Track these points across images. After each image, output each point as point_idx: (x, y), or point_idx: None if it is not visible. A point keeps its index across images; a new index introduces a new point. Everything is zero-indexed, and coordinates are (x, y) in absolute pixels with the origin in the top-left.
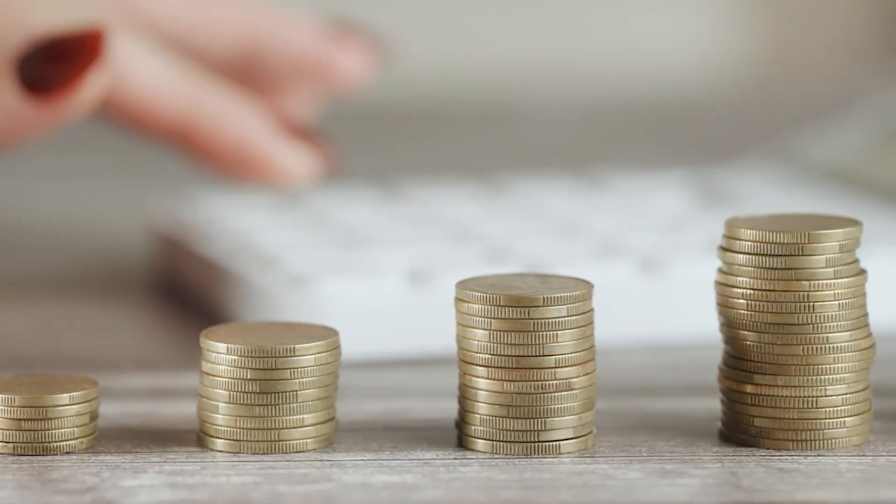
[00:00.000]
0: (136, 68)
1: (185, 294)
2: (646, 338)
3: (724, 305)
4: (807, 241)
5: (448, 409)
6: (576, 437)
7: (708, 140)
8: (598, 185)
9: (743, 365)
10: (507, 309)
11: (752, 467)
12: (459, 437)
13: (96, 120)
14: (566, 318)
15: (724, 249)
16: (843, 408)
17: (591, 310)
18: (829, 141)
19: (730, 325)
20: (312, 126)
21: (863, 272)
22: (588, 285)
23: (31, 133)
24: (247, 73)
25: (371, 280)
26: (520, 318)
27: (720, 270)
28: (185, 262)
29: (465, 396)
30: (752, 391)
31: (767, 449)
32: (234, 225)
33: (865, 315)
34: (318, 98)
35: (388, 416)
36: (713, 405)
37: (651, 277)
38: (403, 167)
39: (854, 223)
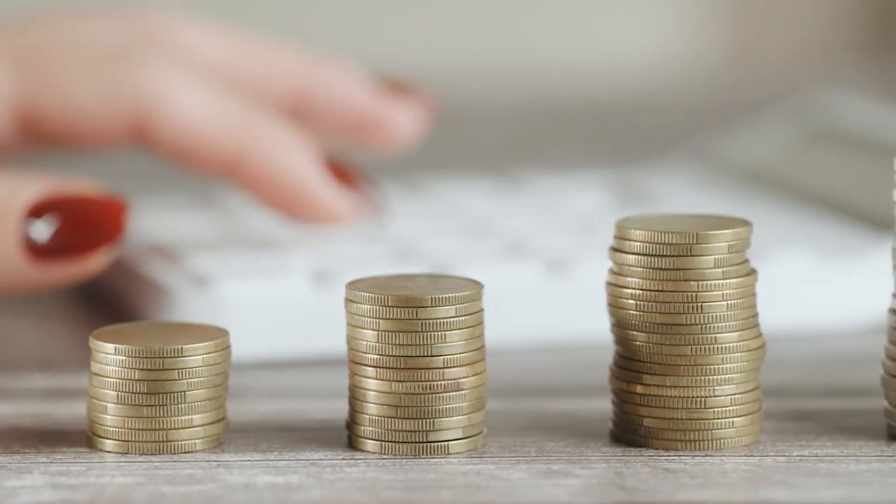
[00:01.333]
0: (179, 104)
1: (96, 293)
2: (550, 338)
3: (615, 306)
4: (695, 242)
5: (344, 409)
6: (465, 438)
7: (643, 140)
8: (515, 186)
9: (633, 365)
10: (395, 309)
11: (639, 468)
12: (349, 437)
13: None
14: (454, 319)
15: (614, 250)
16: (731, 408)
17: (481, 310)
18: (749, 141)
19: (620, 326)
20: (357, 169)
21: (752, 272)
22: (478, 286)
23: (19, 289)
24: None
25: (274, 281)
26: (408, 318)
27: (611, 271)
28: None
29: (354, 397)
30: (642, 391)
31: (656, 449)
32: (145, 224)
33: (755, 315)
34: (366, 150)
35: (283, 416)
36: (608, 406)
37: (556, 278)
38: None
39: (743, 224)
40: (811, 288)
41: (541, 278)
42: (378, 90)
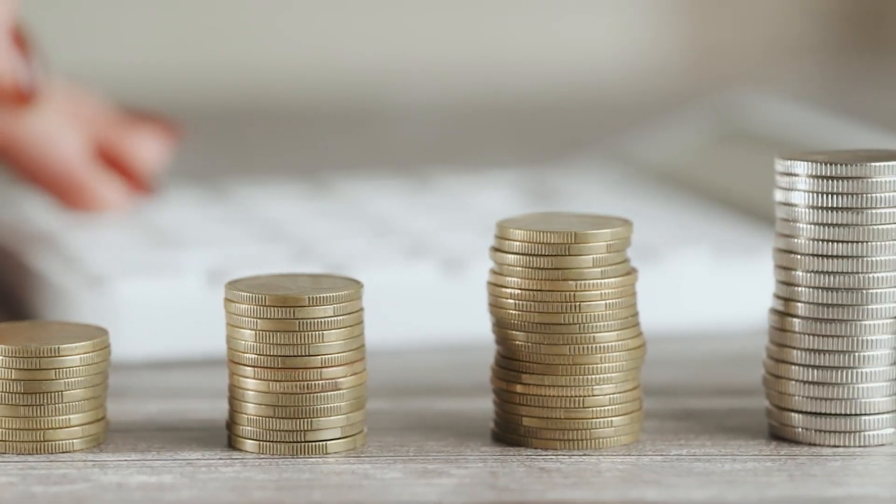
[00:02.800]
0: None
1: None
2: (444, 338)
3: (495, 306)
4: (573, 242)
5: (227, 409)
6: (343, 437)
7: (578, 141)
8: (425, 186)
9: (513, 365)
10: (272, 309)
11: (515, 467)
12: (229, 437)
13: None
14: (333, 318)
15: (494, 250)
16: (610, 407)
17: (360, 310)
18: (664, 141)
19: (500, 326)
20: (129, 155)
21: (632, 272)
22: (357, 285)
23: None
24: None
25: (168, 280)
26: (285, 318)
27: (492, 271)
28: None
29: (233, 397)
30: (522, 391)
31: (536, 448)
32: (47, 224)
33: (635, 315)
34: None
35: (166, 416)
36: (491, 405)
37: (451, 278)
38: (238, 168)
39: (623, 223)
40: (708, 287)
41: (436, 278)
42: (119, 120)
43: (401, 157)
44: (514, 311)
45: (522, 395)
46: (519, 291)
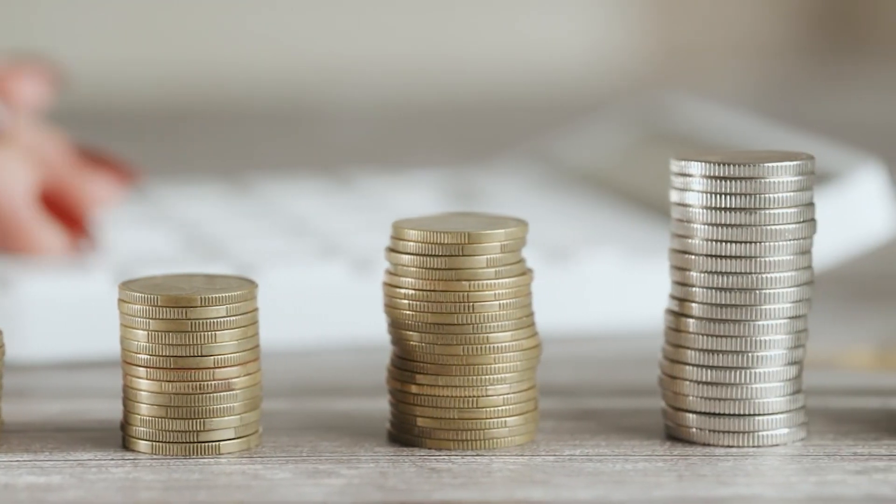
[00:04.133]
0: None
1: None
2: (354, 338)
3: (390, 306)
4: (467, 242)
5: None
6: (237, 438)
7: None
8: (347, 187)
9: (407, 365)
10: (165, 309)
11: (406, 467)
12: (123, 438)
13: None
14: (225, 319)
15: (390, 250)
16: (504, 407)
17: (255, 310)
18: (588, 141)
19: (395, 326)
20: (79, 199)
21: (527, 272)
22: (251, 285)
23: None
24: None
25: (74, 281)
26: (178, 318)
27: (387, 271)
28: None
29: (127, 397)
30: (416, 391)
31: (430, 449)
32: None
33: (530, 315)
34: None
35: (65, 417)
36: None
37: (361, 278)
38: (166, 168)
39: (518, 224)
40: (617, 287)
41: (346, 279)
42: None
43: (336, 157)
44: (408, 312)
45: (417, 396)
46: (413, 292)
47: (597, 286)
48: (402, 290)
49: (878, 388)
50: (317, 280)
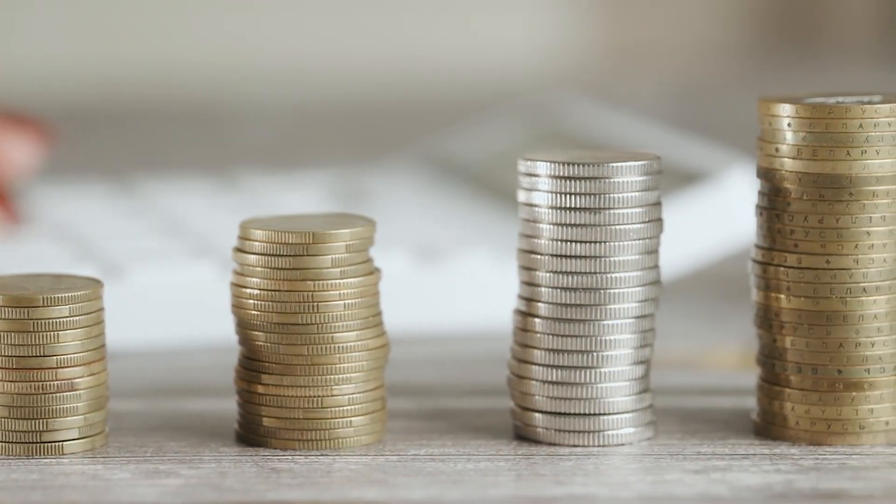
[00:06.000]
0: None
1: None
2: (219, 338)
3: (237, 306)
4: (311, 242)
5: None
6: (81, 438)
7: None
8: (232, 186)
9: (254, 365)
10: (7, 309)
11: (247, 467)
12: None
13: None
14: (69, 319)
15: (237, 250)
16: (349, 407)
17: (100, 310)
18: (477, 140)
19: (242, 326)
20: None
21: (374, 272)
22: (97, 285)
23: None
24: None
25: None
26: (20, 318)
27: (234, 272)
28: None
29: None
30: (262, 391)
31: (275, 449)
32: None
33: (377, 314)
34: None
35: None
36: None
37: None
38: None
39: (366, 223)
40: (487, 287)
41: (214, 278)
42: None
43: (238, 157)
44: (254, 312)
45: (262, 396)
46: (259, 292)
47: (466, 286)
48: (248, 291)
49: (734, 387)
50: (185, 280)
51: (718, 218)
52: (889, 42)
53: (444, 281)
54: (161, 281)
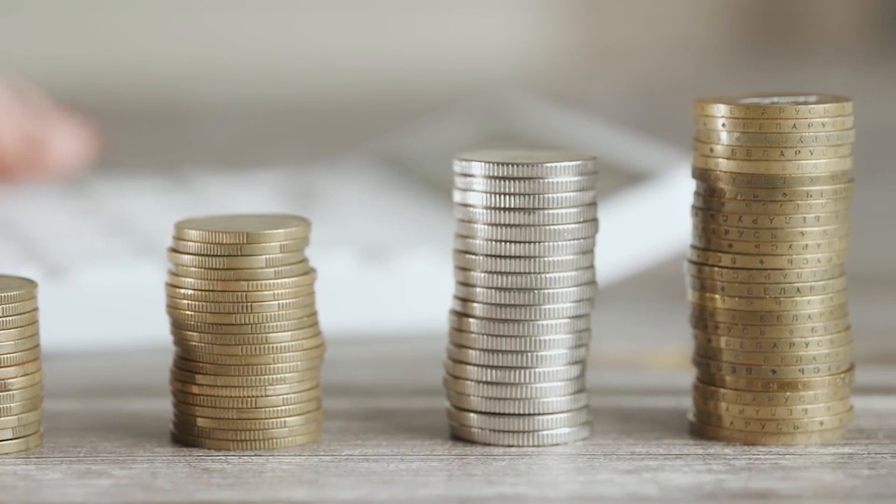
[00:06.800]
0: None
1: None
2: (160, 337)
3: (171, 307)
4: (245, 242)
5: None
6: (15, 438)
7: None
8: (182, 187)
9: (188, 366)
10: None
11: (180, 468)
12: None
13: None
14: (1, 319)
15: (172, 251)
16: (284, 408)
17: (34, 310)
18: (428, 141)
19: (177, 326)
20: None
21: (310, 272)
22: (31, 285)
23: None
24: None
25: None
26: None
27: (169, 272)
28: None
29: None
30: (197, 392)
31: (209, 449)
32: None
33: (312, 315)
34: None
35: None
36: None
37: None
38: None
39: (300, 223)
40: (432, 287)
41: (157, 278)
42: (38, 116)
43: (194, 156)
44: (188, 312)
45: (197, 396)
46: (193, 292)
47: (411, 286)
48: (183, 291)
49: (674, 387)
50: (128, 280)
51: (663, 218)
52: (867, 41)
53: (389, 281)
54: (104, 281)
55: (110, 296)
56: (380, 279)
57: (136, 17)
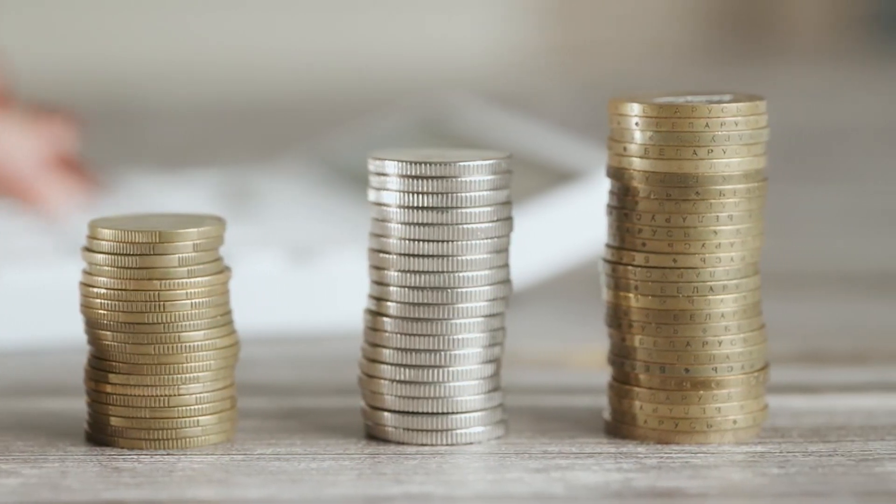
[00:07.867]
0: None
1: None
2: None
3: (86, 306)
4: (158, 241)
5: None
6: None
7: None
8: (118, 185)
9: (102, 365)
10: None
11: (90, 467)
12: None
13: None
14: None
15: (86, 250)
16: (197, 407)
17: None
18: (364, 140)
19: (90, 326)
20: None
21: (224, 270)
22: None
23: None
24: None
25: None
26: None
27: (83, 271)
28: None
29: None
30: (110, 391)
31: (122, 448)
32: None
33: (227, 314)
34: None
35: None
36: None
37: None
38: None
39: (214, 222)
40: (357, 286)
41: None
42: (43, 162)
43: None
44: (102, 311)
45: (110, 395)
46: (106, 291)
47: (339, 285)
48: (96, 290)
49: (592, 386)
50: (52, 279)
51: (589, 216)
52: (840, 41)
53: (317, 280)
54: (28, 280)
55: (32, 295)
56: (308, 278)
57: (87, 17)
